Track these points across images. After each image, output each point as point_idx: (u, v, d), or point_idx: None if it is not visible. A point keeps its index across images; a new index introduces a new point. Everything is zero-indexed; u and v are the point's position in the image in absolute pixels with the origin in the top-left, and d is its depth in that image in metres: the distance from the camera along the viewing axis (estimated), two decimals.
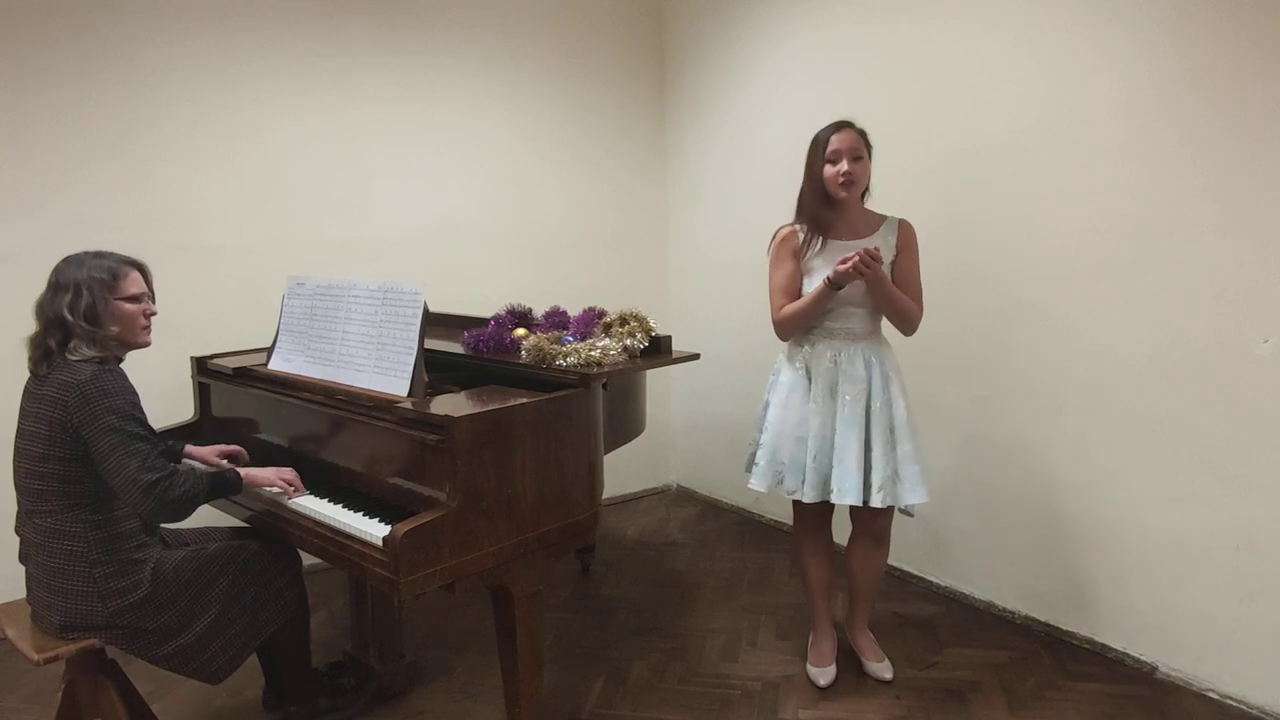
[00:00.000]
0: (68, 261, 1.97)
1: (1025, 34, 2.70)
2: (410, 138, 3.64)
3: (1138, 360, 2.52)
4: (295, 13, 3.36)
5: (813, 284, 2.37)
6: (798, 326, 2.44)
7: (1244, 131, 2.25)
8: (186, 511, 1.94)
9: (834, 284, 2.29)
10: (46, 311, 1.94)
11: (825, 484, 2.38)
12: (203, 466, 2.25)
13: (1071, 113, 2.60)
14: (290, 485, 2.16)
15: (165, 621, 1.98)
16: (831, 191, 2.36)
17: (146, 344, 2.04)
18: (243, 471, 2.14)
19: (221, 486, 2.05)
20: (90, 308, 1.92)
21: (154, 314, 2.06)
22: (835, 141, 2.34)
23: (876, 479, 2.34)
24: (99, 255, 1.99)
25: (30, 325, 1.99)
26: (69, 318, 1.90)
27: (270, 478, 2.16)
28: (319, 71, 3.42)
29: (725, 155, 3.97)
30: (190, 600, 2.01)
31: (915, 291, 2.45)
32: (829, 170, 2.35)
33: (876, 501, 2.33)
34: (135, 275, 2.01)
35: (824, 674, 2.56)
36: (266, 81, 3.33)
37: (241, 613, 2.09)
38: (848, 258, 2.23)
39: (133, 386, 1.96)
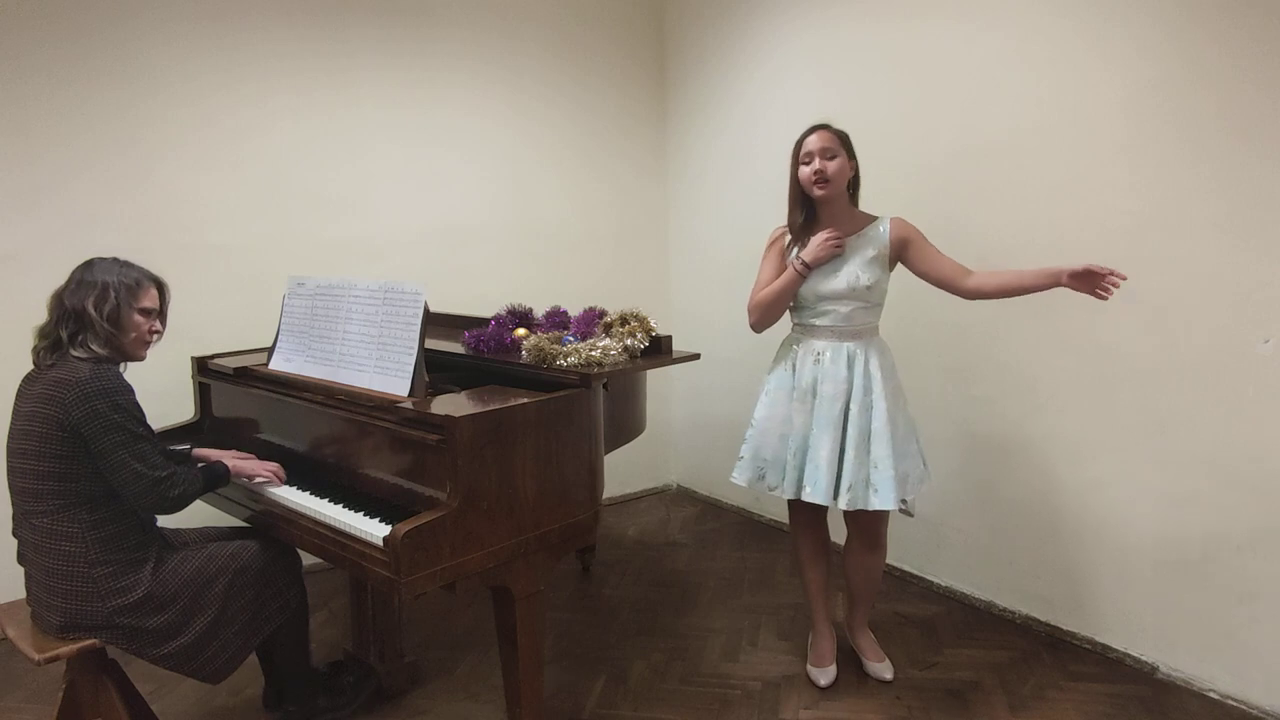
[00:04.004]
0: (97, 264, 2.02)
1: (1025, 34, 2.70)
2: (411, 138, 3.64)
3: (1139, 360, 2.52)
4: (296, 13, 3.36)
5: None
6: (768, 313, 2.45)
7: (1244, 131, 2.25)
8: (183, 506, 2.03)
9: (804, 266, 2.32)
10: (66, 302, 1.97)
11: (802, 481, 2.38)
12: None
13: (1071, 113, 2.60)
14: (273, 475, 2.27)
15: (164, 621, 1.98)
16: (808, 191, 2.38)
17: (142, 359, 2.09)
18: (230, 464, 2.23)
19: (212, 479, 2.15)
20: (114, 311, 1.97)
21: (158, 333, 2.10)
22: (808, 144, 2.36)
23: (846, 480, 2.32)
24: (127, 265, 2.05)
25: (33, 325, 2.00)
26: (92, 314, 1.95)
27: (256, 468, 2.26)
28: (319, 72, 3.42)
29: (725, 155, 3.97)
30: (189, 600, 2.01)
31: (949, 267, 2.35)
32: (803, 171, 2.36)
33: (843, 503, 2.32)
34: (153, 292, 2.07)
35: (824, 674, 2.56)
36: (267, 82, 3.33)
37: (241, 612, 2.09)
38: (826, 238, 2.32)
39: (130, 385, 1.97)
